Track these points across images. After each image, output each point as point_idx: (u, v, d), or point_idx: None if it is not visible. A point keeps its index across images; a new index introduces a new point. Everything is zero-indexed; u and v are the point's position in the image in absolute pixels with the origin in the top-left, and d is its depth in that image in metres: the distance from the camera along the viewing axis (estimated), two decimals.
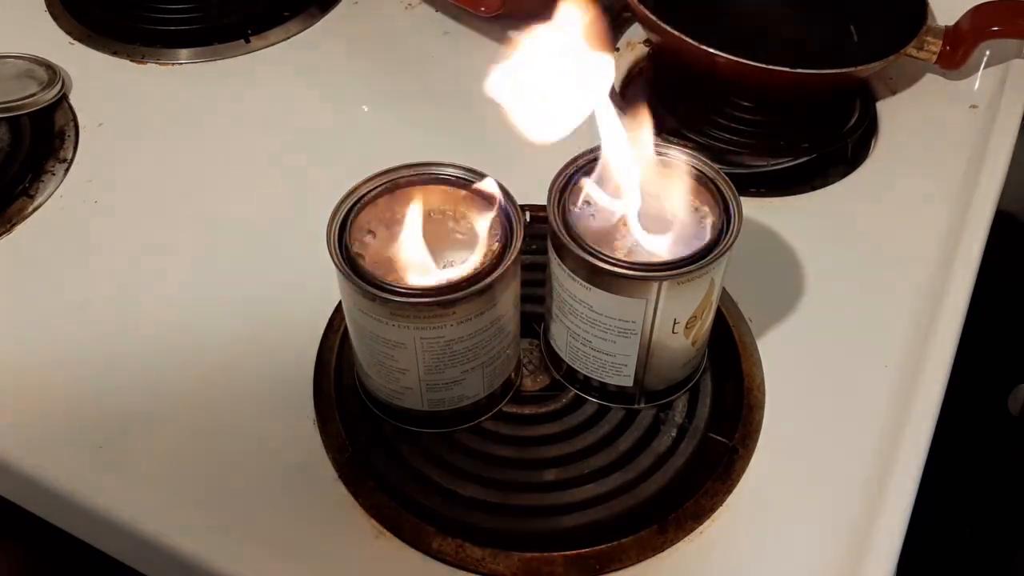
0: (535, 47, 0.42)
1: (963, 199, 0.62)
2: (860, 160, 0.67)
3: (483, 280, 0.43)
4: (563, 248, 0.45)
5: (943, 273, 0.58)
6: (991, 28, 0.69)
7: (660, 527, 0.47)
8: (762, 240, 0.60)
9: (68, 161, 0.64)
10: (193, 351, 0.54)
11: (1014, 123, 0.68)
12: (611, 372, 0.49)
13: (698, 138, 0.67)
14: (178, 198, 0.62)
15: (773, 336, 0.55)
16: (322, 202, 0.46)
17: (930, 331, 0.55)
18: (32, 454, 0.49)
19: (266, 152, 0.65)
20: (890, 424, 0.51)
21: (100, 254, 0.59)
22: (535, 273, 0.51)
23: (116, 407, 0.51)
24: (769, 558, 0.46)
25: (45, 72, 0.68)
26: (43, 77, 0.68)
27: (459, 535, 0.46)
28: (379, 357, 0.46)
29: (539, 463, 0.49)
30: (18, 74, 0.68)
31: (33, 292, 0.57)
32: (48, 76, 0.68)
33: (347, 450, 0.49)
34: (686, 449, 0.49)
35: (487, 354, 0.46)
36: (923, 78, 0.72)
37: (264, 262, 0.58)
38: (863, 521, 0.47)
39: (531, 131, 0.41)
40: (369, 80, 0.71)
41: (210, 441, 0.50)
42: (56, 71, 0.68)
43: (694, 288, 0.45)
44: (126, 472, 0.48)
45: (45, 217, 0.61)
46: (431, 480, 0.48)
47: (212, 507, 0.47)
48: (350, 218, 0.45)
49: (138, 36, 0.73)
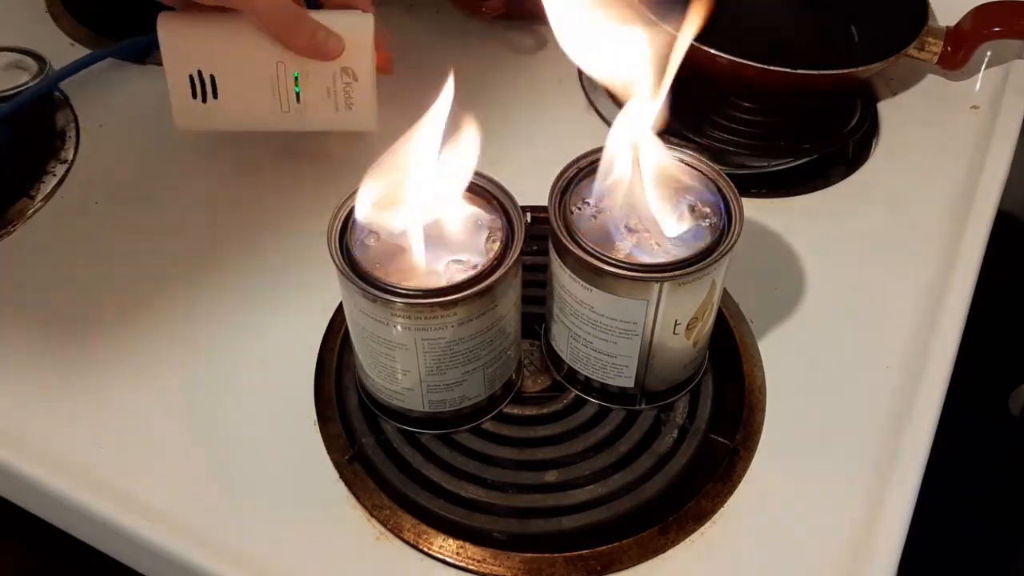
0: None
1: (964, 200, 0.62)
2: (861, 161, 0.67)
3: (484, 281, 0.43)
4: (564, 249, 0.45)
5: (944, 273, 0.58)
6: (992, 29, 0.69)
7: (661, 528, 0.47)
8: (763, 241, 0.60)
9: (69, 162, 0.64)
10: (193, 351, 0.54)
11: (1015, 124, 0.68)
12: (612, 373, 0.49)
13: (699, 139, 0.67)
14: (178, 198, 0.62)
15: (774, 337, 0.55)
16: (323, 202, 0.46)
17: (931, 332, 0.55)
18: (32, 454, 0.49)
19: (266, 150, 0.65)
20: (891, 425, 0.51)
21: (100, 255, 0.59)
22: (536, 274, 0.51)
23: (116, 407, 0.51)
24: (770, 559, 0.46)
25: (35, 63, 0.68)
26: (33, 67, 0.68)
27: (460, 536, 0.46)
28: (380, 358, 0.46)
29: (540, 464, 0.49)
30: (7, 65, 0.68)
31: (33, 292, 0.57)
32: (38, 66, 0.68)
33: (348, 451, 0.49)
34: (687, 450, 0.49)
35: (488, 355, 0.46)
36: (924, 79, 0.72)
37: (265, 262, 0.58)
38: (864, 522, 0.47)
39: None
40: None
41: (210, 441, 0.50)
42: (46, 61, 0.68)
43: (695, 289, 0.45)
44: (126, 472, 0.48)
45: (46, 218, 0.61)
46: (432, 481, 0.48)
47: (212, 507, 0.47)
48: (351, 218, 0.45)
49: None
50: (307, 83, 0.57)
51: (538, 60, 0.73)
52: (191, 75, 0.56)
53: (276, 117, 0.59)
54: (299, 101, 0.58)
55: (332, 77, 0.57)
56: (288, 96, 0.57)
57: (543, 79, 0.72)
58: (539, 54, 0.74)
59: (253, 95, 0.58)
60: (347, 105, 0.58)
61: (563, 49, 0.44)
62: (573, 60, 0.44)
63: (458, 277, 0.43)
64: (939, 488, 0.53)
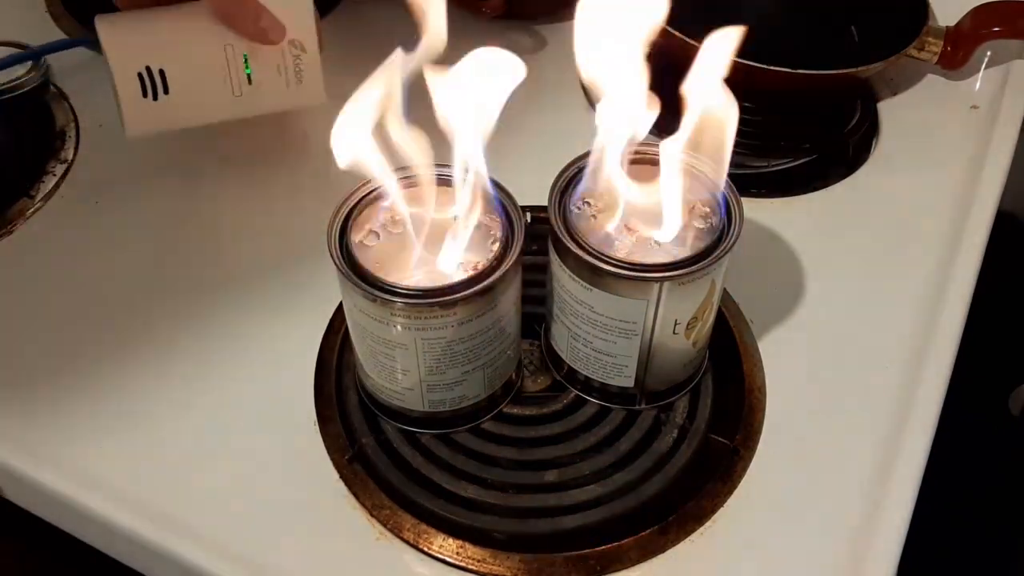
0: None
1: (964, 200, 0.62)
2: (861, 161, 0.67)
3: (484, 281, 0.43)
4: (564, 249, 0.45)
5: (944, 273, 0.58)
6: (992, 29, 0.69)
7: (661, 528, 0.47)
8: (763, 241, 0.60)
9: (69, 162, 0.64)
10: (193, 351, 0.54)
11: (1015, 124, 0.68)
12: (612, 373, 0.49)
13: None
14: (179, 198, 0.62)
15: (774, 337, 0.55)
16: (323, 201, 0.46)
17: (931, 332, 0.55)
18: (31, 454, 0.49)
19: (267, 150, 0.65)
20: (891, 425, 0.51)
21: (100, 255, 0.59)
22: (535, 274, 0.51)
23: (116, 407, 0.51)
24: (770, 559, 0.46)
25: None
26: (28, 63, 0.68)
27: (460, 536, 0.46)
28: (380, 358, 0.46)
29: (540, 464, 0.49)
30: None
31: (34, 292, 0.57)
32: (33, 61, 0.68)
33: (348, 451, 0.49)
34: (687, 450, 0.49)
35: (488, 355, 0.46)
36: (924, 79, 0.72)
37: (265, 262, 0.58)
38: (864, 522, 0.47)
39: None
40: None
41: (210, 442, 0.50)
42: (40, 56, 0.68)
43: (695, 289, 0.45)
44: (124, 472, 0.48)
45: (46, 218, 0.61)
46: (432, 481, 0.48)
47: (212, 507, 0.47)
48: (351, 218, 0.45)
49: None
50: (256, 63, 0.57)
51: (538, 60, 0.73)
52: (140, 73, 0.55)
53: (229, 104, 0.58)
54: (251, 82, 0.57)
55: (281, 52, 0.57)
56: (239, 79, 0.57)
57: (543, 79, 0.72)
58: (539, 54, 0.74)
59: (204, 84, 0.57)
60: (297, 79, 0.58)
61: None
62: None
63: (458, 277, 0.43)
64: (939, 488, 0.53)
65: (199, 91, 0.57)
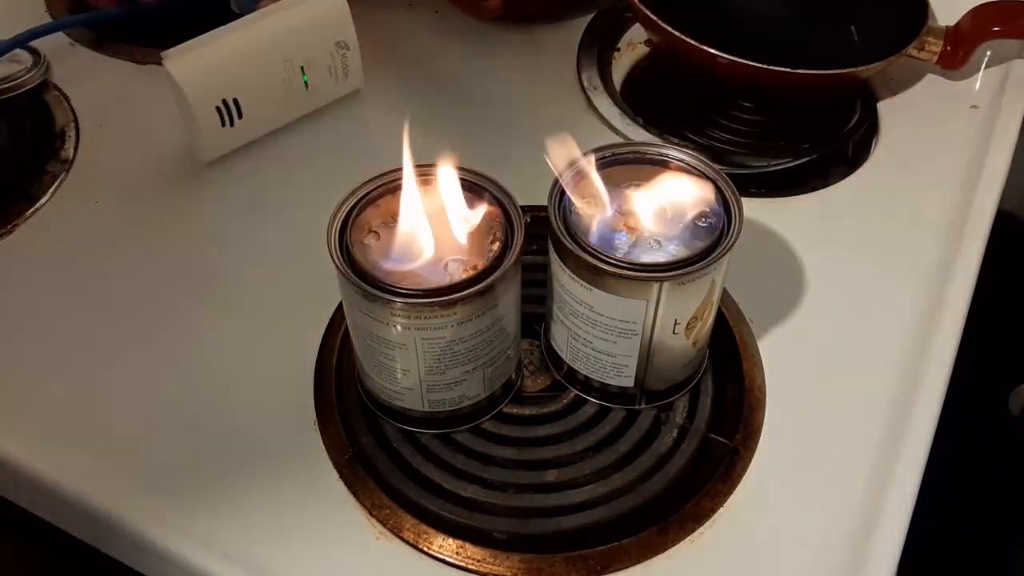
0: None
1: (964, 199, 0.62)
2: (861, 161, 0.67)
3: (484, 280, 0.43)
4: (564, 249, 0.45)
5: (944, 273, 0.58)
6: (992, 28, 0.69)
7: (661, 528, 0.47)
8: (763, 241, 0.60)
9: (68, 162, 0.64)
10: (193, 351, 0.54)
11: (1015, 124, 0.68)
12: (612, 373, 0.49)
13: (699, 138, 0.67)
14: (178, 198, 0.62)
15: (774, 336, 0.55)
16: (323, 202, 0.46)
17: (931, 331, 0.55)
18: (31, 454, 0.49)
19: (267, 149, 0.65)
20: (891, 424, 0.51)
21: (100, 255, 0.59)
22: (535, 273, 0.51)
23: (116, 408, 0.51)
24: (770, 559, 0.46)
25: (29, 55, 0.68)
26: (27, 60, 0.68)
27: (460, 536, 0.46)
28: (380, 358, 0.46)
29: (540, 464, 0.49)
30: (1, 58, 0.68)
31: (33, 292, 0.57)
32: (32, 59, 0.68)
33: (347, 451, 0.49)
34: (687, 450, 0.49)
35: (488, 355, 0.46)
36: (924, 78, 0.72)
37: (265, 261, 0.58)
38: (864, 522, 0.47)
39: None
40: (370, 79, 0.71)
41: (210, 442, 0.50)
42: (40, 54, 0.68)
43: (695, 289, 0.45)
44: (125, 473, 0.48)
45: (45, 218, 0.61)
46: (432, 481, 0.48)
47: (212, 507, 0.47)
48: (350, 218, 0.45)
49: (138, 37, 0.73)
50: (312, 71, 0.59)
51: (538, 60, 0.73)
52: (217, 106, 0.57)
53: (289, 111, 0.61)
54: (307, 88, 0.59)
55: (330, 55, 0.59)
56: (298, 86, 0.59)
57: (543, 79, 0.72)
58: (538, 55, 0.74)
59: (270, 100, 0.60)
60: (344, 74, 0.62)
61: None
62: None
63: (458, 277, 0.43)
64: (939, 488, 0.53)
65: (266, 108, 0.61)
